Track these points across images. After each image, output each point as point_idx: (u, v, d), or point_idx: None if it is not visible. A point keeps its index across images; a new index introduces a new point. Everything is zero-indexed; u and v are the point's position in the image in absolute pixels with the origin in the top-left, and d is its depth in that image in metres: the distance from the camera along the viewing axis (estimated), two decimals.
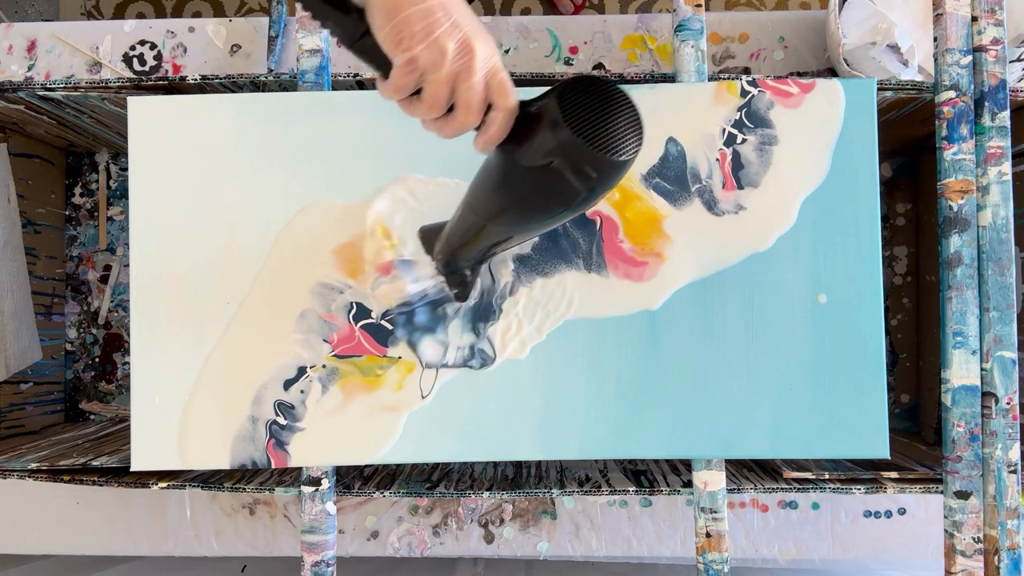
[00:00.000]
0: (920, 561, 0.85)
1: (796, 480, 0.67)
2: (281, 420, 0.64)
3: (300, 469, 0.66)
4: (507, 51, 0.90)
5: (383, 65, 0.42)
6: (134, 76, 0.85)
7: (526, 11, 1.58)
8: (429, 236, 0.61)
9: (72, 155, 0.94)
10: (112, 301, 0.93)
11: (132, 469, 0.65)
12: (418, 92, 0.42)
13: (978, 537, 0.63)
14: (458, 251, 0.56)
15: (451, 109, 0.42)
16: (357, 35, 0.42)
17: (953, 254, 0.64)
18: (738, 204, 0.65)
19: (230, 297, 0.65)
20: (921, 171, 0.89)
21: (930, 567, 0.83)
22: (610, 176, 0.42)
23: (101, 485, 0.69)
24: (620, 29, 0.90)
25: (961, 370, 0.63)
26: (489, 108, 0.42)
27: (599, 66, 0.90)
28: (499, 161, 0.45)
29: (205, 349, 0.65)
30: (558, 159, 0.41)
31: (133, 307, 0.65)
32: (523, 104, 0.43)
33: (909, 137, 0.84)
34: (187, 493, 0.86)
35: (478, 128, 0.42)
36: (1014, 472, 0.62)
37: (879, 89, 0.66)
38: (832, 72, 0.87)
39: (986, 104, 0.64)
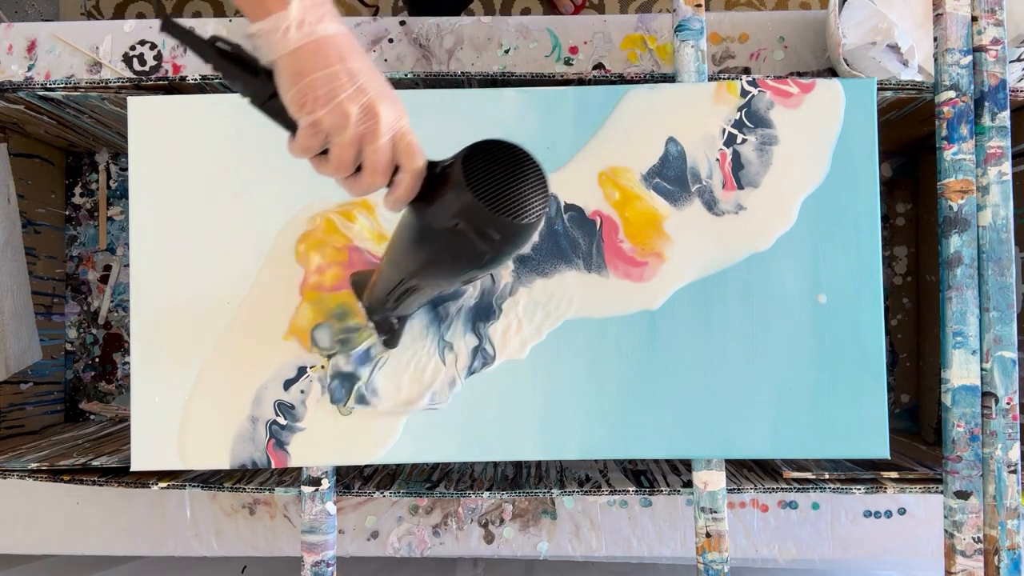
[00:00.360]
0: (920, 561, 0.85)
1: (796, 480, 0.67)
2: (281, 420, 0.64)
3: (300, 469, 0.66)
4: (507, 51, 0.90)
5: (291, 126, 0.43)
6: (134, 76, 0.85)
7: (526, 11, 1.58)
8: (359, 283, 0.61)
9: (72, 155, 0.94)
10: (112, 301, 0.93)
11: (132, 469, 0.65)
12: (327, 152, 0.43)
13: (978, 537, 0.63)
14: (383, 301, 0.56)
15: (360, 169, 0.43)
16: (265, 97, 0.43)
17: (953, 254, 0.64)
18: (738, 204, 0.65)
19: (230, 297, 0.65)
20: (921, 171, 0.89)
21: (930, 567, 0.83)
22: (515, 238, 0.43)
23: (101, 485, 0.69)
24: (620, 29, 0.90)
25: (961, 370, 0.63)
26: (397, 169, 0.43)
27: (599, 66, 0.90)
28: (411, 219, 0.46)
29: (205, 349, 0.65)
30: (463, 221, 0.42)
31: (133, 307, 0.65)
32: (432, 165, 0.44)
33: (909, 137, 0.84)
34: (187, 493, 0.86)
35: (389, 187, 0.44)
36: (1014, 472, 0.62)
37: (879, 89, 0.66)
38: (832, 72, 0.87)
39: (986, 104, 0.64)
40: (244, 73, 0.43)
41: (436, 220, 0.43)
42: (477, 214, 0.41)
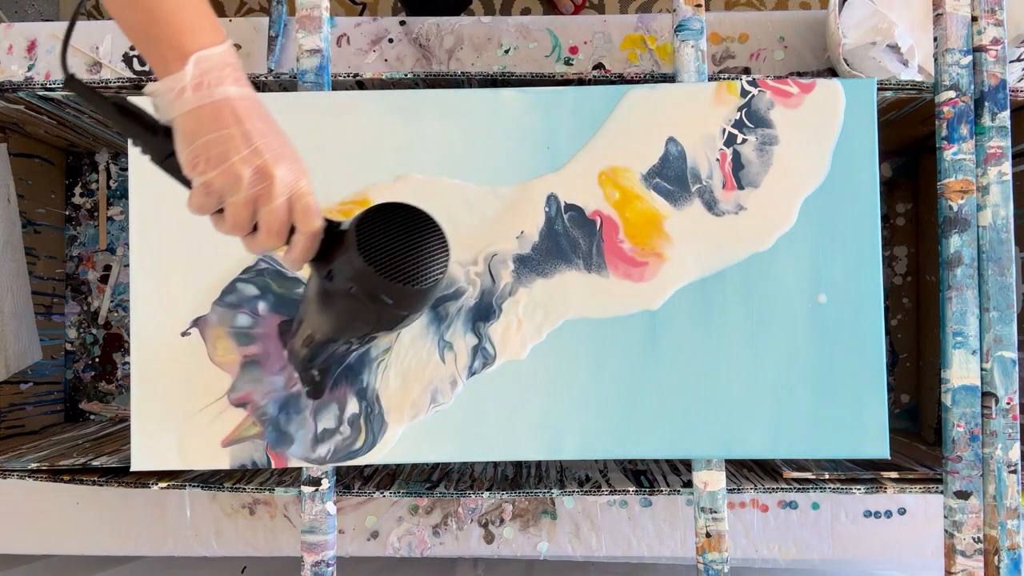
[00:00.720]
0: (920, 561, 0.85)
1: (796, 480, 0.67)
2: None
3: (300, 469, 0.66)
4: (507, 51, 0.90)
5: (188, 183, 0.43)
6: (134, 76, 0.85)
7: (526, 11, 1.58)
8: (284, 332, 0.61)
9: (72, 155, 0.94)
10: (112, 301, 0.93)
11: (132, 469, 0.65)
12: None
13: (978, 537, 0.63)
14: (299, 353, 0.56)
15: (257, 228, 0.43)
16: (164, 155, 0.43)
17: (953, 254, 0.64)
18: (738, 204, 0.65)
19: None
20: (921, 171, 0.89)
21: (930, 567, 0.83)
22: (409, 303, 0.43)
23: (101, 485, 0.69)
24: (620, 29, 0.90)
25: (961, 370, 0.63)
26: (295, 229, 0.43)
27: (599, 66, 0.90)
28: (312, 278, 0.46)
29: (205, 349, 0.64)
30: (356, 285, 0.42)
31: (133, 307, 0.65)
32: (332, 225, 0.44)
33: (909, 137, 0.84)
34: (187, 493, 0.86)
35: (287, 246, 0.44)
36: (1014, 472, 0.62)
37: (879, 89, 0.66)
38: (832, 72, 0.87)
39: (986, 104, 0.64)
40: (143, 131, 0.43)
41: (332, 282, 0.44)
42: (368, 279, 0.41)
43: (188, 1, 0.41)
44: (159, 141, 0.42)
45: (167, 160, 0.43)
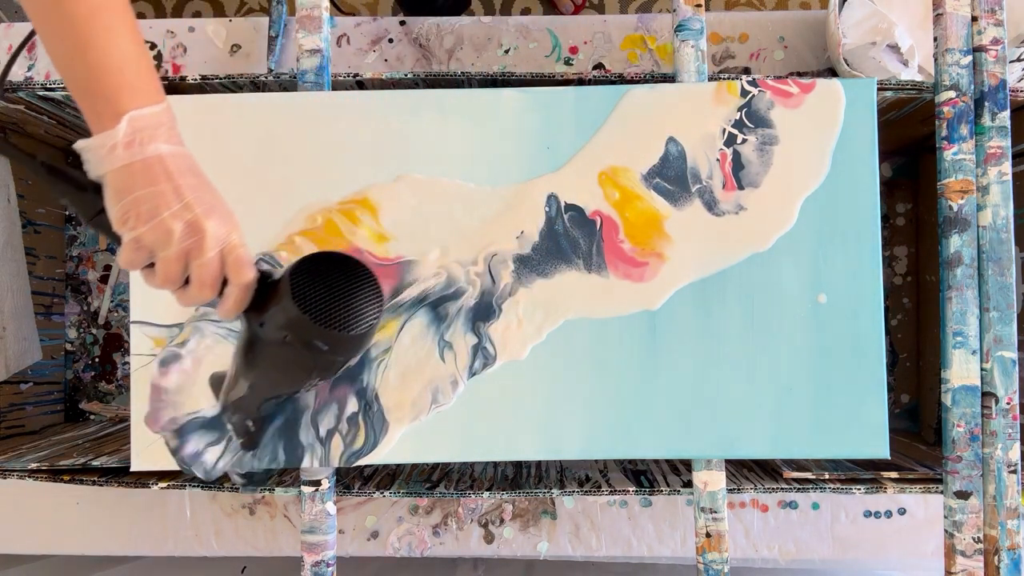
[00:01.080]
0: (920, 561, 0.85)
1: (796, 480, 0.67)
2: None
3: (300, 469, 0.66)
4: (507, 51, 0.90)
5: (118, 239, 0.43)
6: None
7: (526, 11, 1.58)
8: (216, 383, 0.60)
9: (72, 155, 0.94)
10: (112, 301, 0.93)
11: (132, 469, 0.65)
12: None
13: (978, 537, 0.63)
14: (232, 404, 0.55)
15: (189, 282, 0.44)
16: (94, 212, 0.43)
17: (953, 254, 0.64)
18: (738, 204, 0.65)
19: None
20: (921, 171, 0.89)
21: (930, 567, 0.83)
22: (345, 349, 0.44)
23: (101, 485, 0.69)
24: (620, 29, 0.90)
25: (961, 370, 0.63)
26: (228, 281, 0.43)
27: (599, 66, 0.90)
28: (246, 328, 0.46)
29: (205, 348, 0.64)
30: (290, 334, 0.43)
31: (133, 307, 0.65)
32: (264, 277, 0.45)
33: (909, 137, 0.84)
34: (187, 493, 0.86)
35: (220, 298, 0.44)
36: (1014, 472, 0.62)
37: (879, 89, 0.66)
38: (832, 72, 0.87)
39: (986, 104, 0.64)
40: (72, 190, 0.43)
41: (266, 331, 0.44)
42: (303, 326, 0.42)
43: (130, 61, 0.42)
44: (88, 198, 0.43)
45: (97, 217, 0.43)
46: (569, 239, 0.65)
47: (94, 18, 0.41)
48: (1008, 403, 0.63)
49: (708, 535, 0.64)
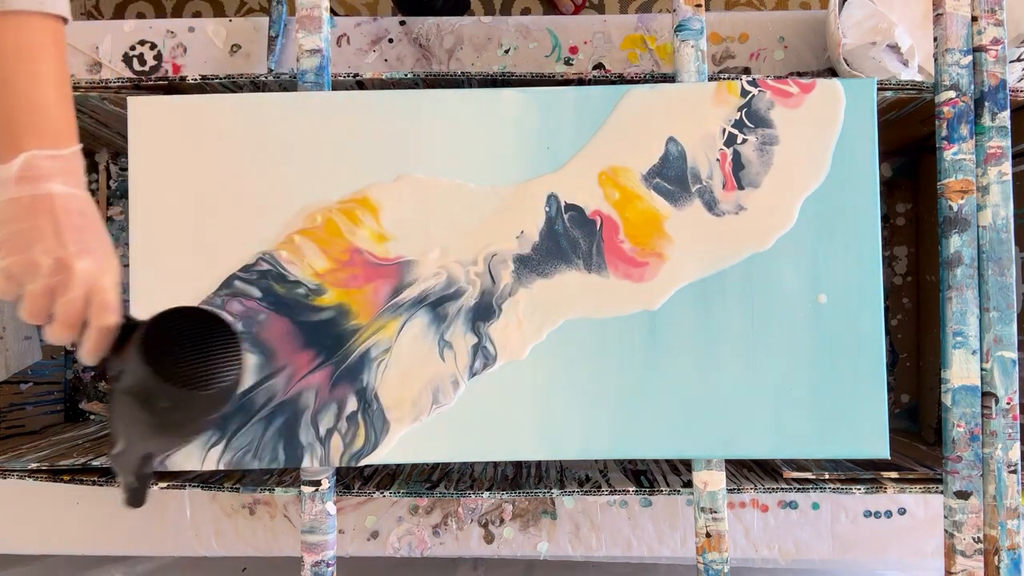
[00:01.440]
0: (920, 561, 0.85)
1: (796, 480, 0.67)
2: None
3: (300, 469, 0.66)
4: (507, 51, 0.90)
5: None
6: (134, 76, 0.85)
7: (526, 11, 1.58)
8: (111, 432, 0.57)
9: None
10: None
11: None
12: None
13: (978, 537, 0.63)
14: (114, 459, 0.52)
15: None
16: None
17: (953, 254, 0.64)
18: (738, 204, 0.65)
19: None
20: (921, 171, 0.89)
21: (930, 567, 0.83)
22: (189, 407, 0.42)
23: (101, 485, 0.69)
24: (620, 29, 0.90)
25: (961, 370, 0.63)
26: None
27: (599, 66, 0.90)
28: (111, 376, 0.45)
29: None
30: (135, 386, 0.41)
31: (133, 307, 0.65)
32: (129, 325, 0.44)
33: (909, 137, 0.84)
34: (187, 493, 0.86)
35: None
36: (1014, 472, 0.62)
37: (879, 89, 0.66)
38: (832, 72, 0.87)
39: (986, 104, 0.64)
40: None
41: (121, 383, 0.43)
42: (145, 380, 0.40)
43: (47, 107, 0.43)
44: None
45: None
46: (569, 239, 0.65)
47: (19, 62, 0.42)
48: (1008, 403, 0.63)
49: (708, 535, 0.64)
